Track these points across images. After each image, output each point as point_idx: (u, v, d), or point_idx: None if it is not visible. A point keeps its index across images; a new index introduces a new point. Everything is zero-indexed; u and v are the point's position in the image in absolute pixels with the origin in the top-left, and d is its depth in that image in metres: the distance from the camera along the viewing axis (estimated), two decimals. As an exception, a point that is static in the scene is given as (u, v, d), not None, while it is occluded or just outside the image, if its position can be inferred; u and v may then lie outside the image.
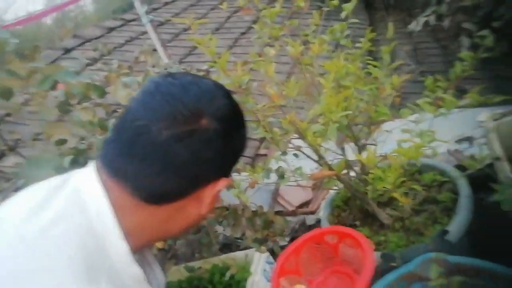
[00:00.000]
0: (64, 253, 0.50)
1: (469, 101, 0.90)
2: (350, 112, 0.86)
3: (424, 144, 0.84)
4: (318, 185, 1.99)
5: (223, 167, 0.61)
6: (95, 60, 3.54)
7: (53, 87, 0.82)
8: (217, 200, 0.65)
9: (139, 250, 0.62)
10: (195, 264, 1.43)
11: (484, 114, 1.31)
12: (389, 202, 1.40)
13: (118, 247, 0.54)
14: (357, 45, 1.31)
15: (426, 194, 1.34)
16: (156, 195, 0.57)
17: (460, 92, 1.10)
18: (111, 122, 1.10)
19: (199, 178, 0.58)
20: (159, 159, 0.54)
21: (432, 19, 2.77)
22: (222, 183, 0.61)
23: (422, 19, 2.82)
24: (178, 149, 0.54)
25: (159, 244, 1.36)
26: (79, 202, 0.55)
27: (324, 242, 0.91)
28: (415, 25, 2.89)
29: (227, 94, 0.60)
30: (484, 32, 1.03)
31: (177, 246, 1.57)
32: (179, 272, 1.51)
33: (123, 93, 1.03)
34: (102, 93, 0.94)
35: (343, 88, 0.88)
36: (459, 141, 1.90)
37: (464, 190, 1.19)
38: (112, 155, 0.57)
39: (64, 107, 0.87)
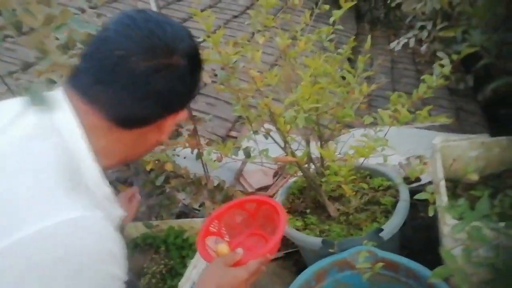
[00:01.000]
0: (45, 161, 0.55)
1: (420, 118, 1.04)
2: (320, 105, 0.97)
3: (375, 146, 0.96)
4: (279, 173, 2.11)
5: (186, 101, 0.68)
6: (83, 11, 3.46)
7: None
8: (171, 129, 0.70)
9: (111, 169, 0.68)
10: (153, 222, 1.51)
11: (438, 138, 1.46)
12: (339, 198, 1.54)
13: (91, 169, 0.60)
14: (339, 50, 1.43)
15: (372, 196, 1.49)
16: (132, 120, 0.62)
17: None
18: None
19: (168, 108, 0.65)
20: (138, 87, 0.59)
21: (412, 42, 2.95)
22: (182, 115, 0.68)
23: (403, 40, 2.99)
24: (156, 79, 0.60)
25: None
26: (52, 125, 0.58)
27: (245, 209, 1.02)
28: (396, 44, 3.06)
29: (192, 36, 0.66)
30: (445, 61, 1.15)
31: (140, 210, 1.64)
32: (135, 228, 1.58)
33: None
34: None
35: (318, 84, 0.99)
36: (410, 157, 2.08)
37: (404, 195, 1.34)
38: (87, 82, 0.60)
39: (64, 50, 0.91)
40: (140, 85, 0.59)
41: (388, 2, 4.20)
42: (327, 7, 1.25)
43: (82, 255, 0.51)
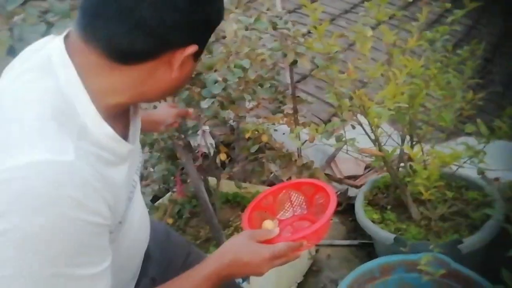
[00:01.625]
0: (35, 105, 0.55)
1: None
2: (406, 105, 0.98)
3: (461, 156, 0.94)
4: (372, 167, 2.11)
5: (192, 33, 0.61)
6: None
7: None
8: (190, 68, 0.65)
9: (118, 110, 0.65)
10: (244, 184, 1.70)
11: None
12: (425, 202, 1.51)
13: (88, 110, 0.58)
14: (458, 51, 1.37)
15: (461, 208, 1.43)
16: (125, 53, 0.58)
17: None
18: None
19: (167, 40, 0.59)
20: (126, 18, 0.56)
21: None
22: (191, 49, 0.61)
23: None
24: (142, 8, 0.55)
25: (222, 156, 1.63)
26: (50, 68, 0.58)
27: (302, 191, 0.97)
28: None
29: None
30: None
31: (235, 169, 1.84)
32: (228, 185, 1.80)
33: (233, 27, 1.22)
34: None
35: (408, 85, 0.99)
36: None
37: (497, 214, 1.26)
38: (82, 18, 0.59)
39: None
40: (126, 15, 0.56)
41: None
42: (448, 5, 1.21)
43: (39, 199, 0.49)
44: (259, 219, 0.91)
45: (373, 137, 1.32)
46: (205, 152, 1.69)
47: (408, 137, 1.28)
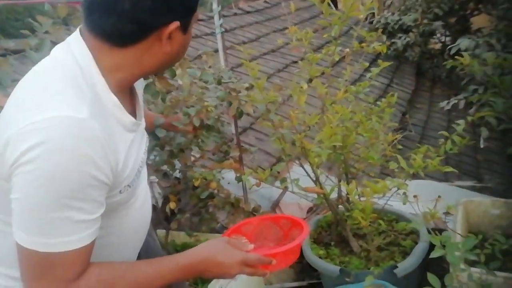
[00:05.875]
0: (60, 73, 0.71)
1: (430, 167, 1.17)
2: (339, 144, 1.15)
3: (389, 186, 1.11)
4: (314, 208, 2.26)
5: (170, 13, 0.72)
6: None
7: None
8: (180, 41, 0.76)
9: (123, 86, 0.78)
10: (194, 233, 1.73)
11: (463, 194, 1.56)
12: (363, 236, 1.66)
13: (99, 81, 0.72)
14: (378, 102, 1.61)
15: (394, 238, 1.60)
16: (118, 39, 0.71)
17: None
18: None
19: (149, 24, 0.71)
20: (112, 11, 0.69)
21: (462, 103, 3.02)
22: (173, 25, 0.72)
23: (453, 101, 3.07)
24: (125, 2, 0.68)
25: (172, 205, 1.66)
26: (69, 48, 0.74)
27: (279, 225, 1.03)
28: (446, 104, 3.14)
29: None
30: (483, 133, 1.29)
31: (184, 218, 1.87)
32: (178, 237, 1.81)
33: (187, 80, 1.36)
34: (174, 74, 1.28)
35: (341, 128, 1.17)
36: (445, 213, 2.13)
37: (423, 238, 1.44)
38: (83, 14, 0.73)
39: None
40: (111, 9, 0.69)
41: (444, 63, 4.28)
42: (365, 64, 1.45)
43: (58, 151, 0.63)
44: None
45: (313, 177, 1.47)
46: (153, 204, 1.71)
47: (344, 176, 1.44)
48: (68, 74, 0.71)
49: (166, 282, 0.78)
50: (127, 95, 0.82)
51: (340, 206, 1.64)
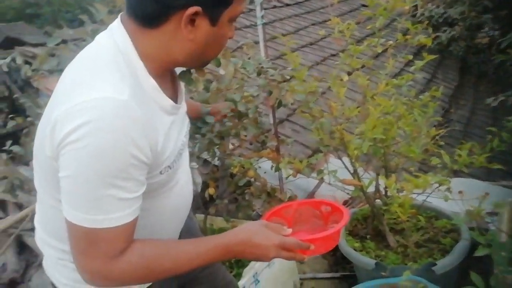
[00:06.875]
0: (104, 57, 0.76)
1: (476, 163, 1.14)
2: (383, 136, 1.14)
3: (431, 181, 1.09)
4: (349, 201, 2.24)
5: None
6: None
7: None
8: (206, 31, 0.77)
9: (163, 71, 0.81)
10: (231, 219, 1.77)
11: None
12: (401, 231, 1.64)
13: (138, 64, 0.76)
14: (420, 96, 1.58)
15: (433, 235, 1.56)
16: (143, 17, 0.75)
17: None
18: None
19: (168, 3, 0.73)
20: None
21: (511, 100, 2.88)
22: (192, 9, 0.73)
23: (500, 97, 2.93)
24: None
25: (211, 191, 1.72)
26: (111, 33, 0.79)
27: (320, 210, 1.02)
28: (492, 101, 3.01)
29: None
30: None
31: (222, 204, 1.92)
32: (215, 222, 1.86)
33: (231, 68, 1.41)
34: (219, 63, 1.33)
35: (387, 121, 1.16)
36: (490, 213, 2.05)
37: (464, 236, 1.40)
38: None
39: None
40: None
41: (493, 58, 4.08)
42: (409, 56, 1.42)
43: (103, 130, 0.67)
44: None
45: (351, 169, 1.46)
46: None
47: (383, 170, 1.43)
48: (111, 58, 0.75)
49: (204, 262, 0.80)
50: (167, 79, 0.85)
51: (377, 200, 1.63)
